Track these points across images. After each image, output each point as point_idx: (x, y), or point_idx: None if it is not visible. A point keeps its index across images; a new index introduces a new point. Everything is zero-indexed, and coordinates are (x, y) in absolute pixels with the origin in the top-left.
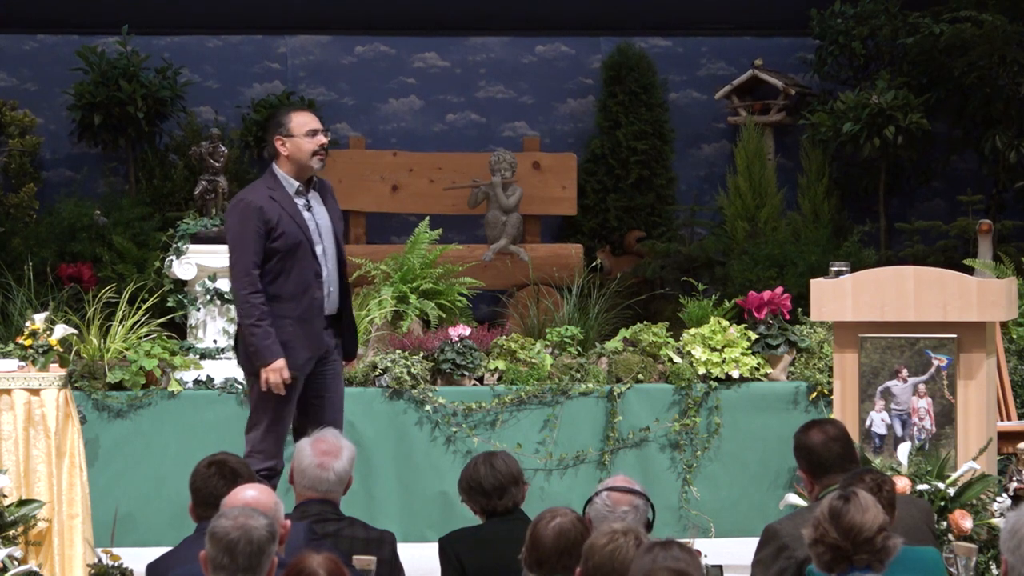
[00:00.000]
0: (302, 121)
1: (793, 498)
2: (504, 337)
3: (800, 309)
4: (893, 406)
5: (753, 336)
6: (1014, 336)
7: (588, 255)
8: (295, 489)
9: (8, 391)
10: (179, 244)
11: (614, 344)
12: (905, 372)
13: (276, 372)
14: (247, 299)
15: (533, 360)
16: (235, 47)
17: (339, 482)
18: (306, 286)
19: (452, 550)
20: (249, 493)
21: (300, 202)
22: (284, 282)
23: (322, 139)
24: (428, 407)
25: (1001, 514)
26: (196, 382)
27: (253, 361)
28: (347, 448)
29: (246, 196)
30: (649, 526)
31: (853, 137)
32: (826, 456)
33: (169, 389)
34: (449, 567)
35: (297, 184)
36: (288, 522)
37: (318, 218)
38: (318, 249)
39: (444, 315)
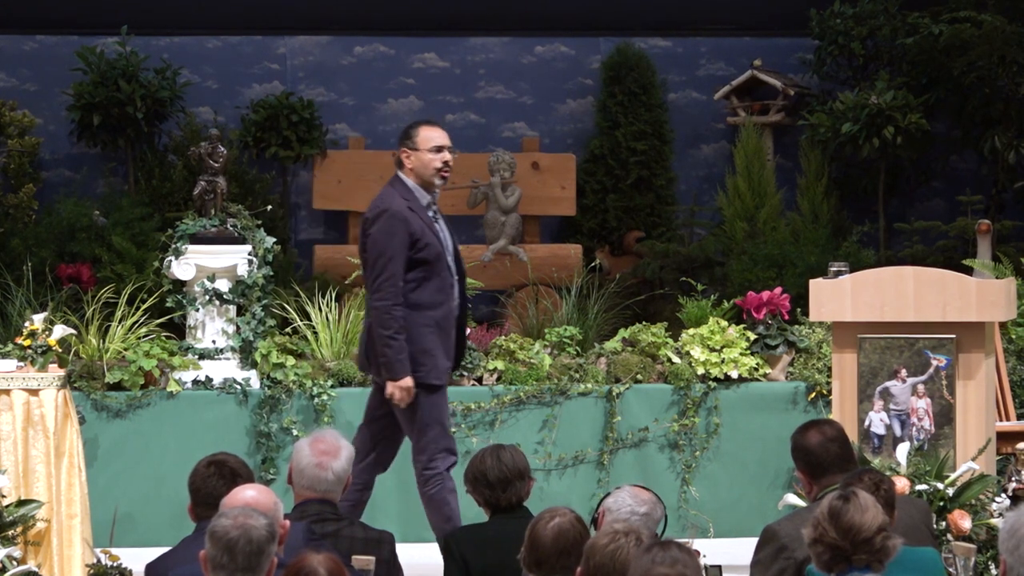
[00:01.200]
0: (428, 136)
1: (792, 498)
2: (503, 337)
3: (799, 309)
4: (892, 406)
5: (752, 336)
6: (1013, 336)
7: (587, 255)
8: (294, 489)
9: (7, 391)
10: (178, 244)
11: (613, 344)
12: (904, 372)
13: (406, 390)
14: (390, 310)
15: (532, 360)
16: (234, 47)
17: (338, 482)
18: (445, 296)
19: (457, 548)
20: (248, 493)
21: (430, 214)
22: (425, 290)
23: (447, 156)
24: None
25: (1000, 514)
26: (195, 382)
27: (384, 372)
28: (346, 448)
29: (389, 206)
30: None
31: (852, 137)
32: (824, 457)
33: (168, 389)
34: (453, 565)
35: (428, 197)
36: (287, 522)
37: (443, 231)
38: (450, 260)
39: None
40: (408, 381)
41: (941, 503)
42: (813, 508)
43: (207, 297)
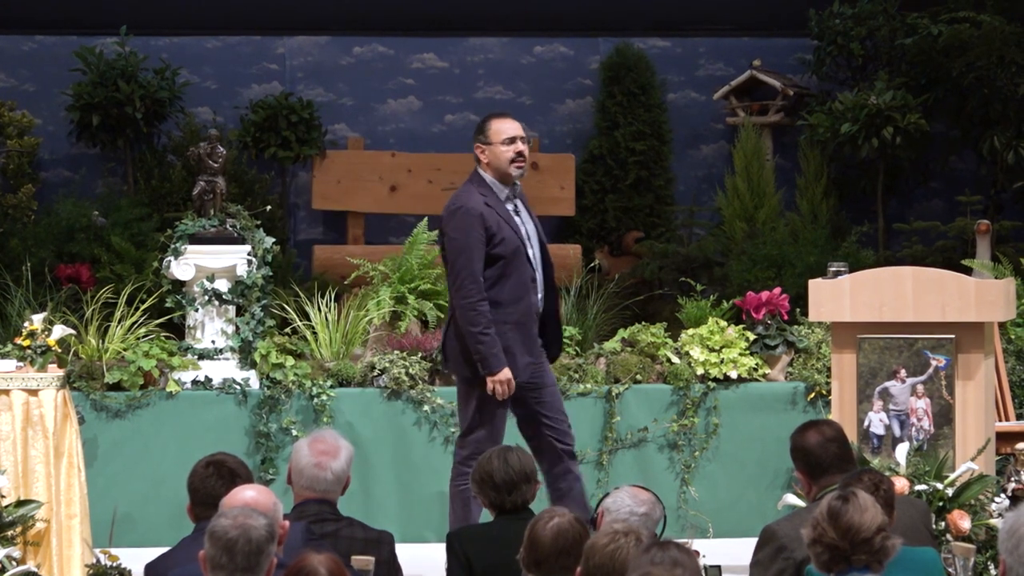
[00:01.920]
0: (499, 128)
1: (791, 498)
2: None
3: (798, 309)
4: (891, 406)
5: (751, 336)
6: (1012, 336)
7: (586, 255)
8: (293, 489)
9: (6, 391)
10: (177, 245)
11: (612, 344)
12: (903, 372)
13: (504, 382)
14: (475, 307)
15: None
16: (233, 48)
17: (337, 482)
18: (524, 291)
19: (460, 547)
20: (248, 493)
21: (510, 207)
22: (503, 288)
23: (520, 146)
24: (426, 407)
25: (999, 514)
26: (194, 382)
27: (480, 368)
28: (345, 448)
29: (465, 203)
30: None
31: (851, 138)
32: (823, 457)
33: (167, 389)
34: (456, 563)
35: (506, 190)
36: (287, 523)
37: (526, 223)
38: (531, 253)
39: (442, 315)
40: (505, 373)
41: (940, 503)
42: (812, 508)
43: (206, 297)
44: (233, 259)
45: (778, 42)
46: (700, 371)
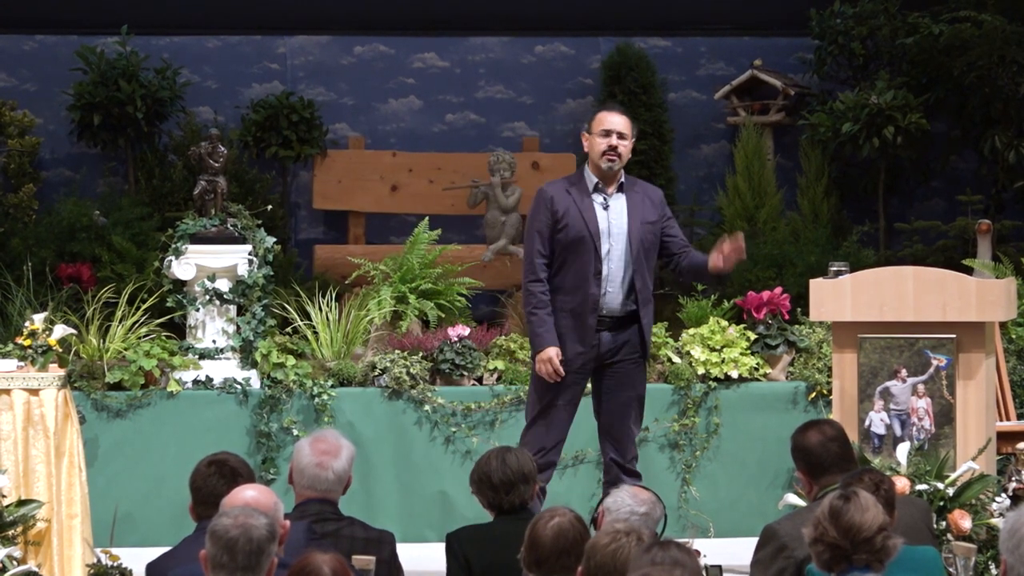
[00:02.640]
0: (600, 119)
1: (792, 498)
2: (503, 337)
3: (799, 309)
4: (892, 406)
5: (752, 336)
6: (1013, 336)
7: None
8: (294, 489)
9: (7, 391)
10: (178, 244)
11: None
12: (904, 372)
13: (546, 362)
14: (527, 287)
15: None
16: (234, 47)
17: (338, 481)
18: (583, 281)
19: (459, 547)
20: (248, 493)
21: (598, 199)
22: (565, 275)
23: (613, 140)
24: (427, 407)
25: (1000, 514)
26: (195, 382)
27: (531, 348)
28: (346, 447)
29: (545, 186)
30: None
31: (852, 137)
32: (824, 457)
33: (168, 389)
34: (455, 563)
35: (596, 180)
36: (287, 523)
37: (612, 217)
38: (603, 247)
39: (443, 315)
40: (552, 351)
41: (941, 503)
42: (813, 508)
43: (207, 297)
44: (234, 259)
45: (779, 42)
46: (701, 371)
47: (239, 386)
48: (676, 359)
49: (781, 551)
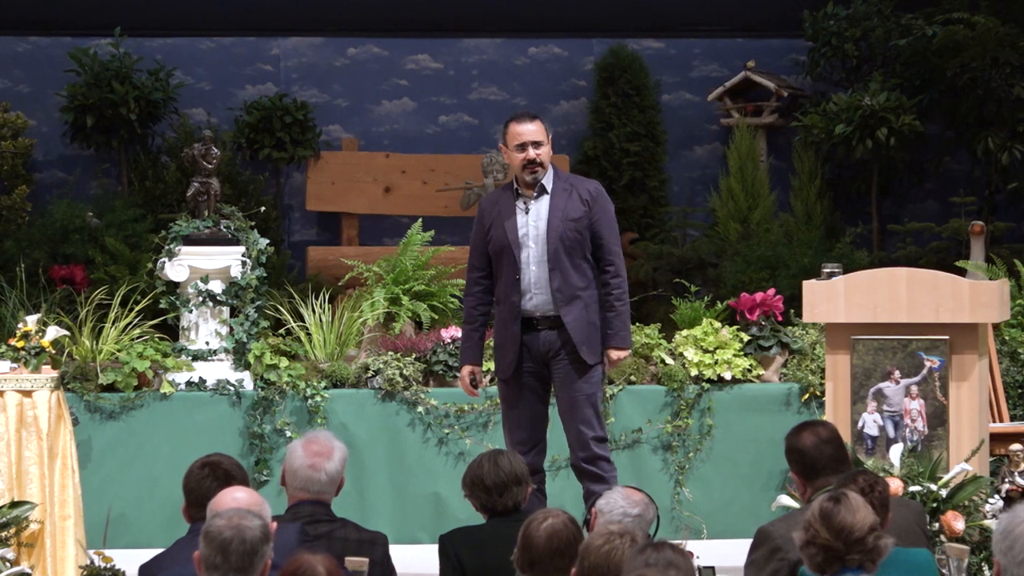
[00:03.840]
0: (512, 133)
1: (785, 499)
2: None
3: (792, 310)
4: (885, 407)
5: (745, 338)
6: (1006, 338)
7: None
8: (287, 491)
9: (0, 393)
10: (171, 246)
11: None
12: (897, 374)
13: (462, 378)
14: (463, 299)
15: None
16: (227, 49)
17: (331, 483)
18: (508, 289)
19: (452, 549)
20: (235, 495)
21: (520, 205)
22: (498, 285)
23: (530, 153)
24: (420, 409)
25: (993, 516)
26: (188, 384)
27: None
28: (339, 449)
29: (482, 198)
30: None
31: (846, 139)
32: (818, 458)
33: (161, 391)
34: (448, 565)
35: (516, 187)
36: (274, 524)
37: (532, 221)
38: (522, 253)
39: (436, 317)
40: (463, 370)
41: (934, 504)
42: (807, 509)
43: (200, 298)
44: (227, 260)
45: (772, 43)
46: (694, 372)
47: (232, 388)
48: (669, 360)
49: (775, 553)
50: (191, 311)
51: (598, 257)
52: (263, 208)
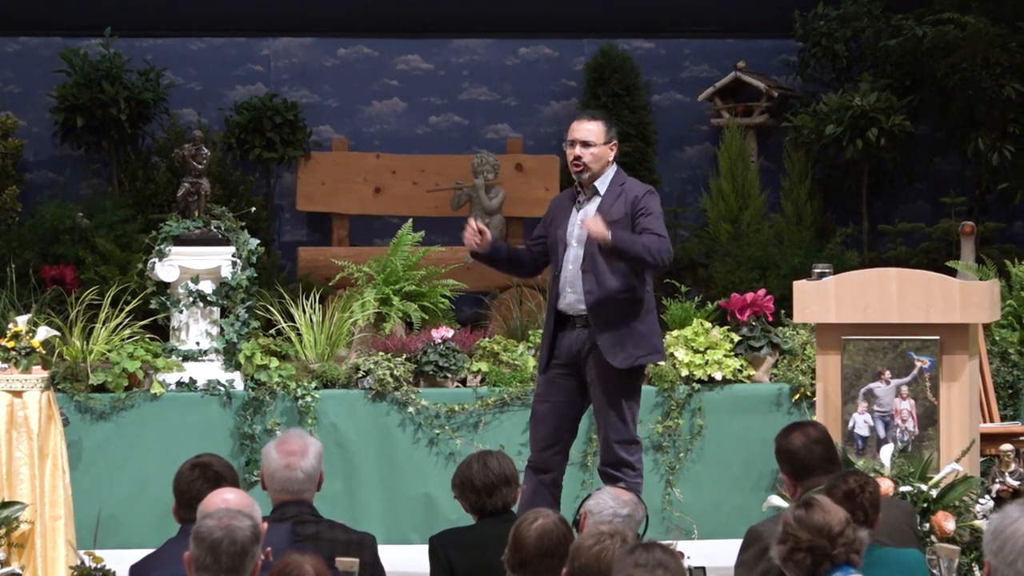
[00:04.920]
0: (570, 128)
1: (776, 500)
2: (487, 339)
3: (783, 311)
4: (876, 408)
5: (736, 338)
6: (996, 338)
7: None
8: (269, 494)
9: None
10: (162, 246)
11: None
12: (888, 374)
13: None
14: None
15: (516, 362)
16: (218, 49)
17: (309, 480)
18: (551, 285)
19: (442, 550)
20: (224, 496)
21: (575, 203)
22: (549, 280)
23: (576, 150)
24: (411, 409)
25: (984, 516)
26: (179, 384)
27: None
28: (313, 445)
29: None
30: (637, 537)
31: (836, 139)
32: (808, 459)
33: (152, 391)
34: (439, 567)
35: (576, 186)
36: (265, 525)
37: (578, 221)
38: (566, 251)
39: (427, 317)
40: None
41: (925, 504)
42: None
43: (191, 299)
44: (218, 260)
45: (763, 44)
46: (685, 372)
47: (223, 388)
48: (660, 361)
49: (765, 553)
50: (181, 311)
51: None
52: (253, 208)
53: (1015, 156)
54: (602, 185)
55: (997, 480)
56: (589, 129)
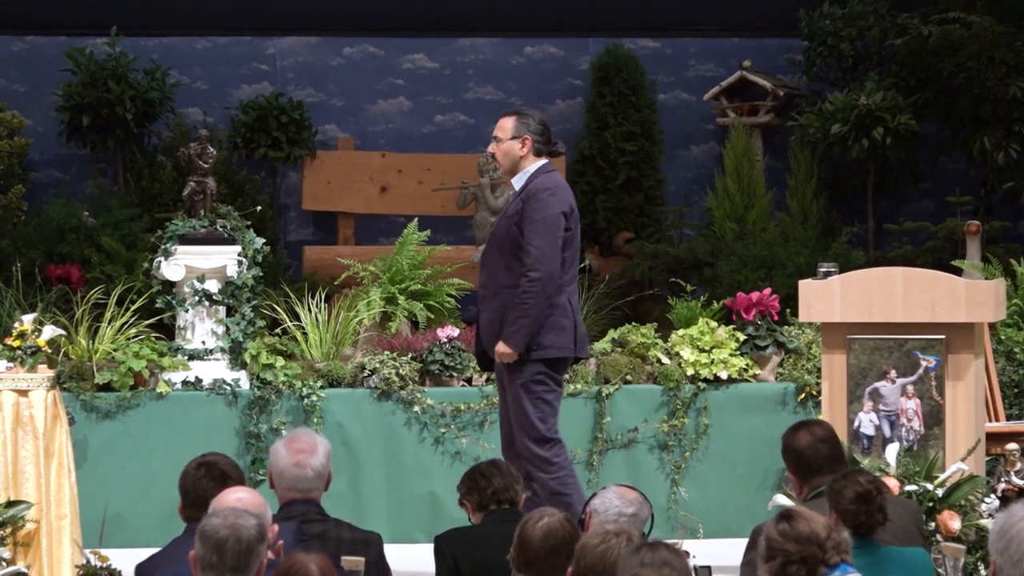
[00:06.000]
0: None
1: (781, 499)
2: None
3: (788, 310)
4: (881, 407)
5: (742, 337)
6: (1002, 337)
7: None
8: (276, 492)
9: None
10: (167, 245)
11: (603, 345)
12: (893, 373)
13: None
14: None
15: None
16: (224, 48)
17: (318, 479)
18: None
19: (448, 549)
20: (237, 495)
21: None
22: None
23: (491, 145)
24: (416, 408)
25: (989, 515)
26: (184, 383)
27: None
28: (322, 443)
29: None
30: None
31: (841, 138)
32: (814, 457)
33: (157, 390)
34: (444, 566)
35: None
36: (276, 526)
37: (500, 221)
38: (489, 252)
39: (432, 316)
40: None
41: (930, 504)
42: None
43: (196, 298)
44: (223, 260)
45: (768, 43)
46: (690, 372)
47: (228, 387)
48: (665, 360)
49: None
50: (187, 310)
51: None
52: (259, 207)
53: (1020, 155)
54: (518, 182)
55: (1002, 479)
56: (500, 125)
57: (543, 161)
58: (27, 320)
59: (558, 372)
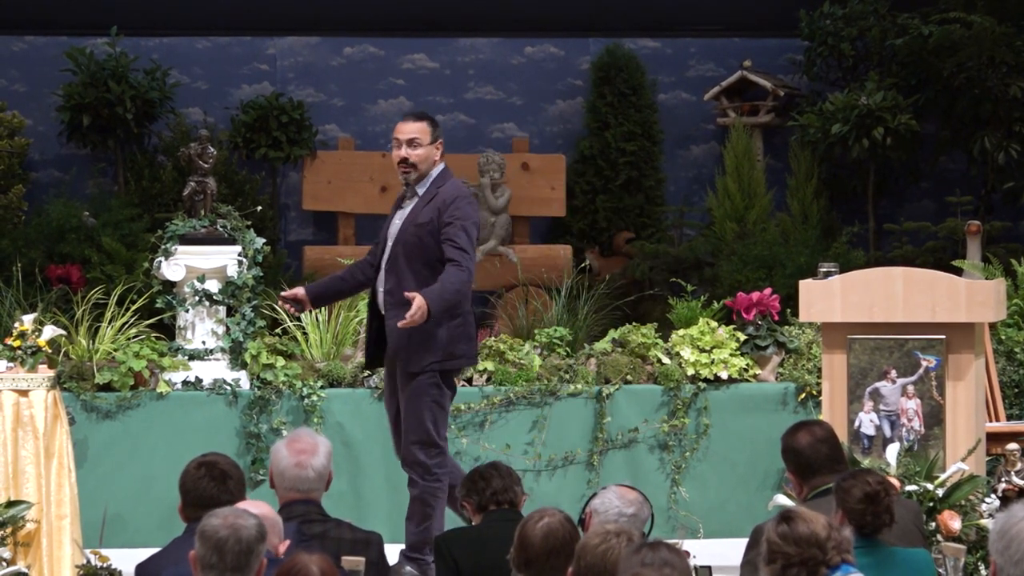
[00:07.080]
0: (395, 129)
1: (782, 499)
2: (493, 338)
3: (789, 310)
4: (882, 407)
5: (742, 337)
6: (1002, 337)
7: (577, 256)
8: (277, 492)
9: None
10: (168, 245)
11: (603, 345)
12: (894, 373)
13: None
14: None
15: (522, 361)
16: (224, 48)
17: (319, 479)
18: (374, 281)
19: (448, 550)
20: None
21: (401, 204)
22: None
23: (402, 151)
24: None
25: (990, 515)
26: (185, 383)
27: None
28: (323, 444)
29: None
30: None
31: (842, 138)
32: (814, 458)
33: (158, 390)
34: (444, 566)
35: (404, 188)
36: (287, 542)
37: (398, 221)
38: (384, 250)
39: None
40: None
41: (931, 504)
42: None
43: (197, 298)
44: (223, 259)
45: (768, 43)
46: (690, 372)
47: (228, 387)
48: (666, 360)
49: None
50: (187, 310)
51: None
52: (259, 207)
53: (1021, 155)
54: (421, 187)
55: (1003, 479)
56: (416, 128)
57: (443, 164)
58: (27, 320)
59: (455, 379)
